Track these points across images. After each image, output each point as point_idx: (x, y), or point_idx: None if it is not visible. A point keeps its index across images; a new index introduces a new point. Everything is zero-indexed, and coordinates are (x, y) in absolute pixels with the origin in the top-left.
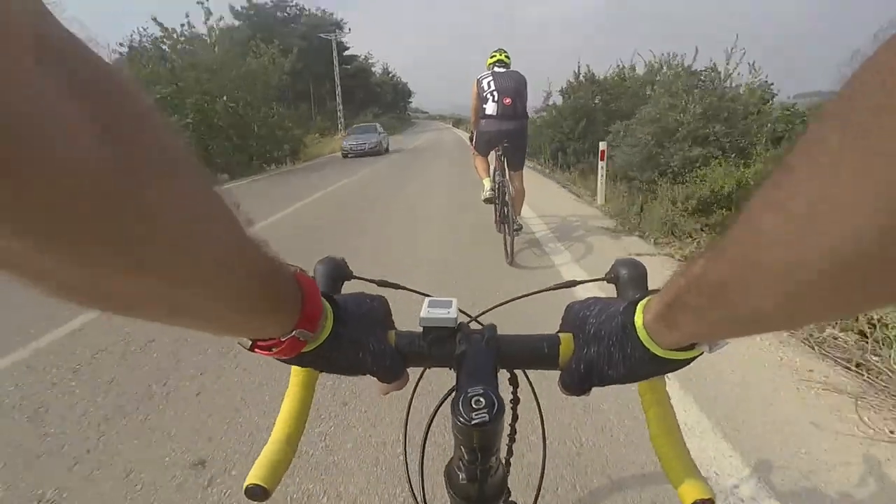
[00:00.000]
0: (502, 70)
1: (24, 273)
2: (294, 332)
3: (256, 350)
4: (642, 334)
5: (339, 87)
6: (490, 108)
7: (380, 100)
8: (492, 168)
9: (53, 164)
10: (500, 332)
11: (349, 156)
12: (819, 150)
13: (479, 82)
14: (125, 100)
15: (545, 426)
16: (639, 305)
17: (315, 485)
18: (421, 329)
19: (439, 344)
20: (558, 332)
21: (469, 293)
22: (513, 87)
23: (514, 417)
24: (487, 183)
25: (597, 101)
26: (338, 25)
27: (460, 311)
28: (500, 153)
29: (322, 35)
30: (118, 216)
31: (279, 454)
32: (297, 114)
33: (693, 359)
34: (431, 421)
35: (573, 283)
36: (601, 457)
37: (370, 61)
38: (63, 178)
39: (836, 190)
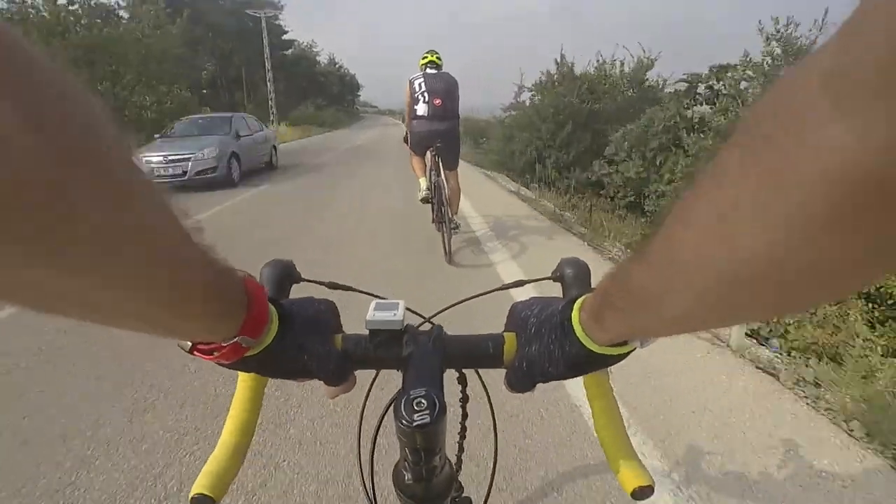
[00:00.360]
0: (434, 71)
1: None
2: (237, 338)
3: (196, 353)
4: (579, 331)
5: (271, 72)
6: (421, 108)
7: (325, 91)
8: (428, 168)
9: None
10: (449, 332)
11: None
12: (721, 172)
13: (411, 83)
14: (50, 84)
15: (496, 422)
16: (576, 304)
17: None
18: (367, 332)
19: (386, 346)
20: (503, 331)
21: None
22: (443, 89)
23: (464, 415)
24: (423, 182)
25: (580, 101)
26: (271, 3)
27: (411, 311)
28: (434, 153)
29: (250, 11)
30: (41, 211)
31: (226, 463)
32: (218, 100)
33: (627, 354)
34: (380, 424)
35: (521, 283)
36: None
37: (315, 50)
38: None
39: (735, 210)
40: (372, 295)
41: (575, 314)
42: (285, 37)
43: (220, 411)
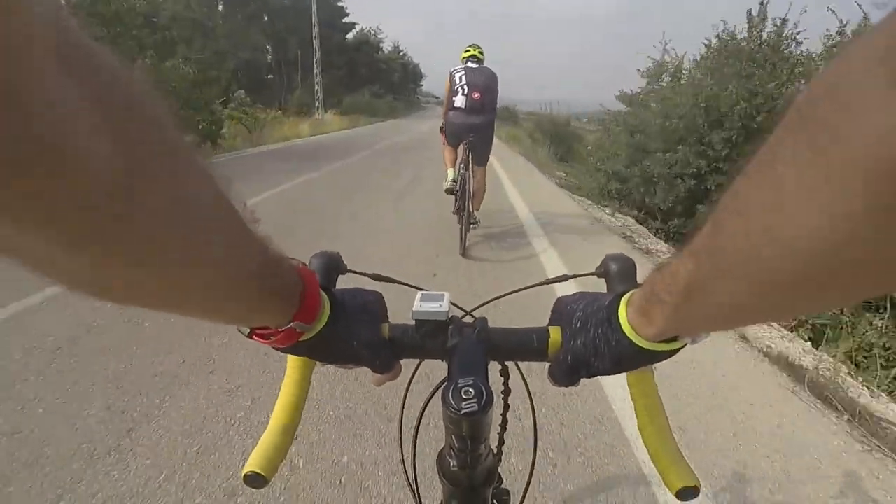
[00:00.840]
0: (475, 66)
1: (37, 265)
2: (292, 324)
3: (254, 338)
4: (626, 327)
5: (318, 55)
6: (459, 101)
7: (385, 78)
8: (458, 160)
9: (68, 167)
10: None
11: None
12: (773, 157)
13: (451, 75)
14: (138, 105)
15: (536, 415)
16: (623, 299)
17: None
18: (413, 322)
19: (431, 336)
20: (548, 325)
21: None
22: (483, 83)
23: (506, 408)
24: (451, 173)
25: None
26: None
27: (453, 304)
28: (466, 146)
29: None
30: (126, 217)
31: (276, 443)
32: (242, 80)
33: (676, 350)
34: (424, 410)
35: (565, 278)
36: None
37: (379, 36)
38: (76, 179)
39: (789, 197)
40: (416, 287)
41: (622, 309)
42: (346, 19)
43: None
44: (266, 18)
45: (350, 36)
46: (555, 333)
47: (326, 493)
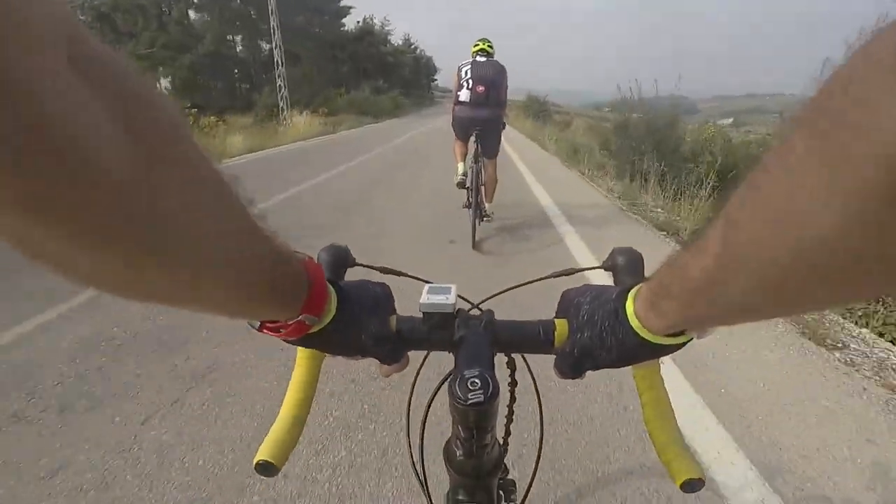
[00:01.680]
0: (483, 59)
1: (48, 261)
2: (300, 317)
3: (264, 331)
4: (633, 320)
5: (278, 41)
6: (464, 94)
7: (392, 73)
8: (469, 154)
9: (79, 163)
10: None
11: None
12: (788, 153)
13: (459, 69)
14: (149, 102)
15: (543, 408)
16: (630, 293)
17: None
18: (421, 314)
19: (438, 329)
20: (554, 317)
21: None
22: (489, 77)
23: (512, 399)
24: (461, 167)
25: None
26: None
27: (460, 297)
28: (475, 140)
29: None
30: (136, 214)
31: (287, 432)
32: (201, 79)
33: (683, 344)
34: (431, 400)
35: (572, 271)
36: None
37: (387, 28)
38: (87, 176)
39: (802, 192)
40: (423, 280)
41: (630, 302)
42: (343, 3)
43: None
44: (238, 1)
45: (351, 26)
46: (561, 326)
47: None
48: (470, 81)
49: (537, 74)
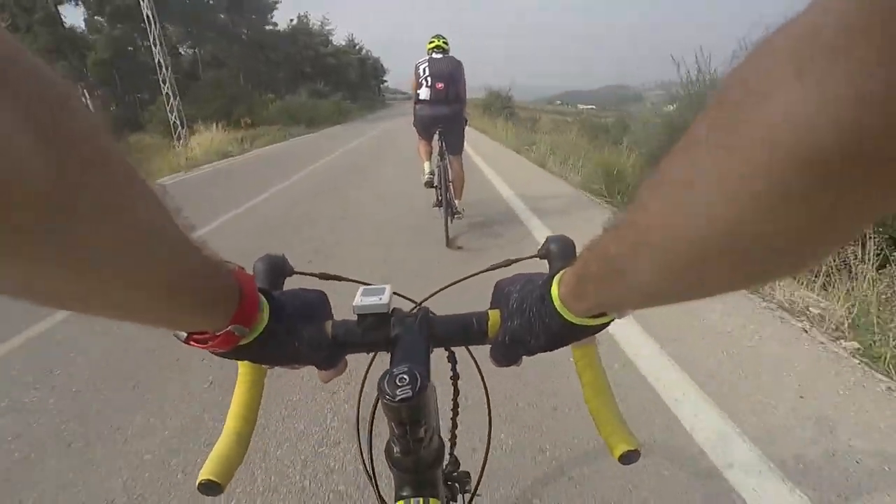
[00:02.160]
0: (439, 56)
1: None
2: (230, 327)
3: (192, 343)
4: (558, 304)
5: (158, 42)
6: (423, 92)
7: (335, 75)
8: (434, 153)
9: (1, 186)
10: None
11: None
12: (692, 140)
13: (416, 67)
14: (61, 107)
15: (489, 397)
16: (555, 278)
17: None
18: (356, 317)
19: (373, 329)
20: (488, 309)
21: None
22: (447, 73)
23: (455, 392)
24: (427, 166)
25: None
26: None
27: (402, 296)
28: (439, 138)
29: None
30: (59, 229)
31: (231, 449)
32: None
33: (606, 325)
34: (377, 402)
35: (508, 263)
36: None
37: (327, 28)
38: (9, 197)
39: (702, 179)
40: (361, 283)
41: (554, 287)
42: None
43: None
44: None
45: (282, 25)
46: (494, 316)
47: None
48: (429, 79)
49: (474, 70)
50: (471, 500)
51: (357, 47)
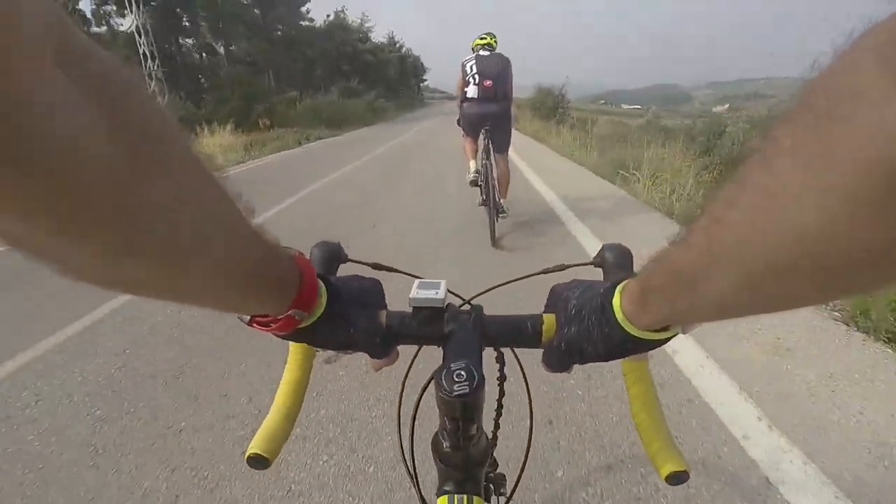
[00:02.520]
0: (487, 53)
1: (41, 255)
2: (290, 311)
3: (254, 325)
4: (619, 315)
5: (142, 28)
6: (471, 91)
7: (373, 73)
8: (479, 151)
9: (69, 163)
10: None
11: None
12: (773, 150)
13: (463, 66)
14: (134, 101)
15: (532, 402)
16: (617, 288)
17: None
18: (411, 309)
19: (428, 323)
20: (543, 312)
21: None
22: (495, 71)
23: (501, 393)
24: (472, 165)
25: None
26: None
27: (452, 293)
28: (486, 136)
29: None
30: (124, 210)
31: (279, 426)
32: None
33: (667, 339)
34: (422, 395)
35: (563, 267)
36: None
37: (366, 25)
38: (74, 174)
39: (784, 188)
40: (414, 276)
41: (616, 297)
42: None
43: None
44: None
45: (319, 20)
46: (549, 320)
47: None
48: (476, 77)
49: (524, 65)
50: (507, 502)
51: (398, 45)
